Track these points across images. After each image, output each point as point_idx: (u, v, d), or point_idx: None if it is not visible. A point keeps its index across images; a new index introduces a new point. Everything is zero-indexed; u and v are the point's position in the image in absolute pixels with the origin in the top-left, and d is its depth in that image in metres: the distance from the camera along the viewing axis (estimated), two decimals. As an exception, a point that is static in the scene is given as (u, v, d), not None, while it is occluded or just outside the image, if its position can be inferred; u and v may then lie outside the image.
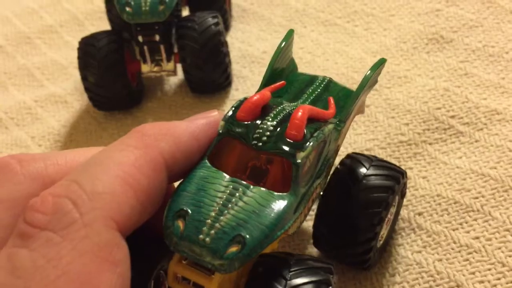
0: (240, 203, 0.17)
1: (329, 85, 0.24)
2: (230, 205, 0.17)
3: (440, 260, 0.25)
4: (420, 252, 0.26)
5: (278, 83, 0.22)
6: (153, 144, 0.17)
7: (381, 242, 0.25)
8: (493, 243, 0.25)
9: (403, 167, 0.29)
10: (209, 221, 0.17)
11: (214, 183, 0.18)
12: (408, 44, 0.36)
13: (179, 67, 0.36)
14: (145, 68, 0.35)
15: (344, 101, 0.23)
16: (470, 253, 0.25)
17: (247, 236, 0.17)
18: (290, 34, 0.23)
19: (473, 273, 0.25)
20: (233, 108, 0.19)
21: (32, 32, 0.45)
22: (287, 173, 0.18)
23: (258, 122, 0.19)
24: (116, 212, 0.16)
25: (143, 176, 0.17)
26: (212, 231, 0.17)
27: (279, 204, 0.18)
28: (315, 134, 0.19)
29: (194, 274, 0.18)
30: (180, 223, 0.17)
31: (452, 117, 0.31)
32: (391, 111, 0.32)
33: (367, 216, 0.23)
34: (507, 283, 0.24)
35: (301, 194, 0.19)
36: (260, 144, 0.18)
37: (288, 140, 0.19)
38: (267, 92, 0.20)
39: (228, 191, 0.18)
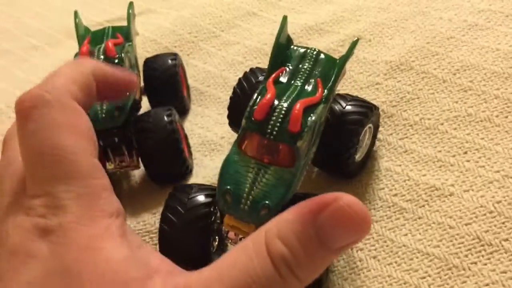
0: (264, 180, 0.27)
1: (318, 58, 0.31)
2: (257, 183, 0.27)
3: None
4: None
5: (278, 70, 0.30)
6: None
7: (360, 158, 0.34)
8: (441, 324, 0.27)
9: (354, 248, 0.32)
10: (245, 195, 0.26)
11: (244, 166, 0.27)
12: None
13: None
14: (110, 166, 0.37)
15: (329, 70, 0.30)
16: (420, 336, 0.27)
17: (271, 203, 0.26)
18: (284, 21, 0.31)
19: None
20: (250, 107, 0.28)
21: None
22: (291, 153, 0.27)
23: (268, 119, 0.27)
24: (71, 93, 0.26)
25: (82, 77, 0.27)
26: (249, 202, 0.26)
27: (288, 177, 0.27)
28: (309, 124, 0.27)
29: (240, 223, 0.27)
30: (228, 197, 0.27)
31: (395, 195, 0.33)
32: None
33: (349, 131, 0.32)
34: None
35: (302, 164, 0.28)
36: (272, 136, 0.27)
37: (290, 132, 0.27)
38: (272, 88, 0.28)
39: (254, 171, 0.27)
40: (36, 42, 0.60)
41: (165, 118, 0.37)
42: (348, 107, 0.32)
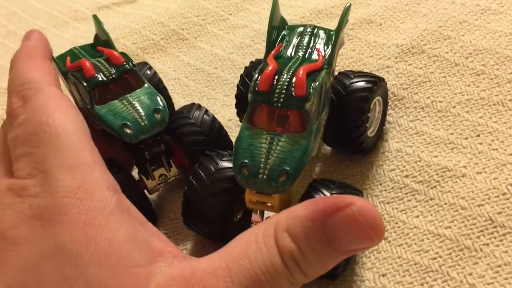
0: (278, 148, 0.26)
1: (315, 32, 0.31)
2: (272, 151, 0.26)
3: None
4: (385, 318, 0.27)
5: (277, 47, 0.30)
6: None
7: (374, 133, 0.34)
8: (452, 304, 0.27)
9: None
10: (262, 165, 0.26)
11: (257, 138, 0.27)
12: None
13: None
14: (151, 184, 0.34)
15: (328, 41, 0.31)
16: (431, 316, 0.27)
17: (289, 168, 0.26)
18: (275, 3, 0.31)
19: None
20: (254, 82, 0.27)
21: None
22: (302, 118, 0.27)
23: (274, 88, 0.27)
24: (48, 82, 0.27)
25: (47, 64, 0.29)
26: (266, 171, 0.26)
27: (303, 141, 0.26)
28: (314, 86, 0.27)
29: (261, 197, 0.27)
30: (245, 171, 0.26)
31: (406, 176, 0.33)
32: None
33: (356, 110, 0.31)
34: None
35: (314, 128, 0.27)
36: (280, 104, 0.27)
37: (297, 96, 0.26)
38: (273, 61, 0.28)
39: (268, 141, 0.26)
40: (41, 24, 0.59)
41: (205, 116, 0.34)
42: (353, 83, 0.32)
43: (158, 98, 0.33)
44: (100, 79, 0.32)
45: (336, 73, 0.33)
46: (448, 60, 0.39)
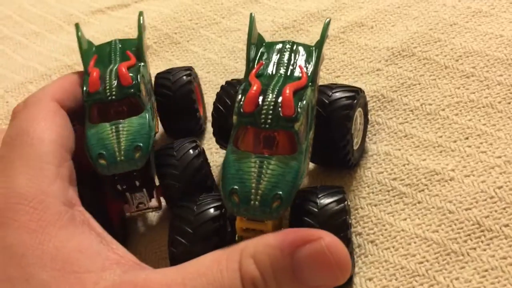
0: (269, 171, 0.25)
1: (295, 49, 0.30)
2: (262, 175, 0.25)
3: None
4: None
5: (258, 65, 0.30)
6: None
7: (358, 145, 0.33)
8: (438, 309, 0.27)
9: (353, 233, 0.31)
10: (253, 190, 0.24)
11: (245, 162, 0.25)
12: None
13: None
14: (128, 209, 0.32)
15: (308, 57, 0.30)
16: (417, 320, 0.26)
17: (282, 193, 0.24)
18: (252, 20, 0.31)
19: None
20: (238, 103, 0.26)
21: None
22: (291, 139, 0.26)
23: (260, 109, 0.26)
24: (54, 96, 0.29)
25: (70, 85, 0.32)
26: (258, 197, 0.24)
27: (294, 163, 0.25)
28: (301, 105, 0.26)
29: (254, 224, 0.26)
30: (236, 197, 0.25)
31: (394, 179, 0.33)
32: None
33: (340, 128, 0.31)
34: None
35: (304, 148, 0.26)
36: (267, 126, 0.26)
37: (285, 116, 0.26)
38: (256, 81, 0.27)
39: (257, 165, 0.25)
40: (36, 28, 0.59)
41: (191, 152, 0.32)
42: (333, 101, 0.31)
43: (147, 132, 0.30)
44: (100, 97, 0.30)
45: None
46: (438, 62, 0.39)
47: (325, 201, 0.27)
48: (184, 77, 0.38)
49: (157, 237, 0.34)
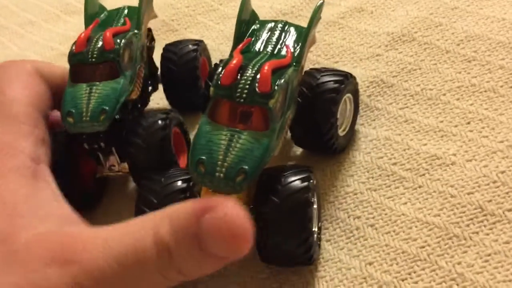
0: (238, 145, 0.25)
1: (286, 29, 0.30)
2: (231, 148, 0.25)
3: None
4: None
5: (245, 41, 0.30)
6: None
7: (345, 132, 0.33)
8: (440, 293, 0.26)
9: (351, 217, 0.31)
10: (219, 162, 0.25)
11: (216, 134, 0.25)
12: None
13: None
14: (101, 170, 0.34)
15: (298, 37, 0.30)
16: (418, 305, 0.26)
17: (247, 167, 0.25)
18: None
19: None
20: (217, 75, 0.26)
21: None
22: (265, 116, 0.26)
23: (237, 83, 0.26)
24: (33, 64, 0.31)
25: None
26: (223, 169, 0.24)
27: (264, 140, 0.25)
28: (279, 83, 0.26)
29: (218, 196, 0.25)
30: (202, 167, 0.25)
31: (394, 164, 0.32)
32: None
33: (324, 112, 0.30)
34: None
35: (278, 127, 0.26)
36: (242, 100, 0.26)
37: (261, 93, 0.25)
38: (239, 55, 0.27)
39: (227, 138, 0.25)
40: (32, 18, 0.59)
41: (159, 123, 0.32)
42: (320, 84, 0.31)
43: (116, 97, 0.31)
44: (81, 57, 0.32)
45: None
46: (439, 47, 0.38)
47: (290, 178, 0.26)
48: (190, 52, 0.39)
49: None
